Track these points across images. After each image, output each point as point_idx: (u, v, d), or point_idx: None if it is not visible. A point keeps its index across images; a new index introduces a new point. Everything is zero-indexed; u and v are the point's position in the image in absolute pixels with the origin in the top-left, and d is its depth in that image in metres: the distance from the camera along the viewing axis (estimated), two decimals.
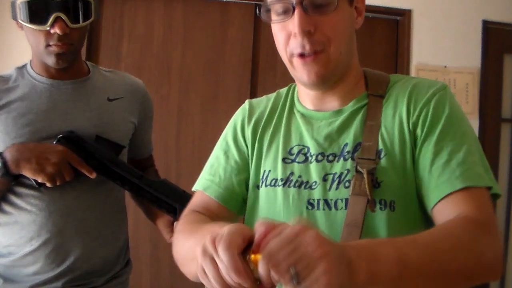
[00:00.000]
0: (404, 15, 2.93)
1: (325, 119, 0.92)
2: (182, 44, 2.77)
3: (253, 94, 2.79)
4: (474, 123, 2.96)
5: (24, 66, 1.32)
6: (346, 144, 0.88)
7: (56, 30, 1.17)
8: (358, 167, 0.83)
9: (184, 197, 1.28)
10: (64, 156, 1.19)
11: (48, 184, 1.19)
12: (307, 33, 0.83)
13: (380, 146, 0.85)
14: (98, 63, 1.41)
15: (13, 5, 1.20)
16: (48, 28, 1.18)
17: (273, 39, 0.92)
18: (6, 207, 1.25)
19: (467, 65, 2.96)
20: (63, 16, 1.17)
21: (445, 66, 2.92)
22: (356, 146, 0.86)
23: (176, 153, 2.74)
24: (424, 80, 0.92)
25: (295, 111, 0.98)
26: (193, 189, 1.04)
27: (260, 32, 2.81)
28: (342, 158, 0.87)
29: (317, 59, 0.85)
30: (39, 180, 1.19)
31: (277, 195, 0.90)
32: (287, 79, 0.96)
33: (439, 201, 0.79)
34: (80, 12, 1.21)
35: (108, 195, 1.32)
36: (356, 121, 0.90)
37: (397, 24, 2.99)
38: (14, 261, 1.24)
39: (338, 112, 0.92)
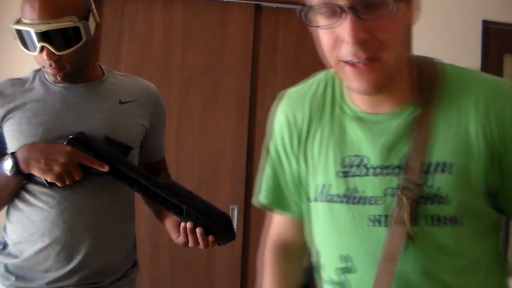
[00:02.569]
0: None
1: (383, 123, 0.84)
2: (182, 44, 2.77)
3: (253, 94, 2.79)
4: None
5: (40, 69, 1.35)
6: (405, 155, 0.81)
7: (44, 57, 1.20)
8: (401, 194, 0.77)
9: (191, 198, 1.30)
10: (72, 157, 1.22)
11: (58, 184, 1.22)
12: (361, 40, 0.72)
13: (442, 158, 0.79)
14: (98, 63, 1.43)
15: (10, 28, 1.23)
16: (38, 54, 1.21)
17: (273, 39, 0.91)
18: (19, 204, 1.28)
19: (467, 65, 2.92)
20: (48, 46, 1.19)
21: None
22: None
23: (176, 153, 2.74)
24: (489, 81, 0.83)
25: (346, 112, 0.88)
26: (257, 200, 1.03)
27: (260, 32, 2.81)
28: (403, 171, 0.80)
29: (372, 68, 0.75)
30: (48, 180, 1.22)
31: (337, 212, 0.85)
32: (287, 79, 0.95)
33: None
34: (68, 38, 1.21)
35: (118, 195, 1.34)
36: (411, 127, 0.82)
37: None
38: (25, 260, 1.28)
39: (396, 116, 0.83)
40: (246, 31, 2.79)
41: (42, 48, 1.19)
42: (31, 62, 1.33)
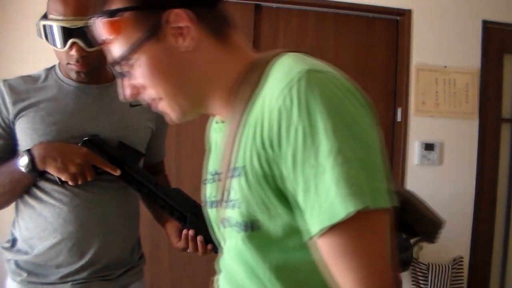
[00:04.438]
0: (404, 15, 2.93)
1: (221, 132, 0.85)
2: None
3: None
4: (474, 123, 2.96)
5: (52, 67, 1.39)
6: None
7: (73, 53, 1.24)
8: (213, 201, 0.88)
9: (195, 207, 1.35)
10: (87, 158, 1.26)
11: (70, 183, 1.25)
12: (131, 96, 0.84)
13: (239, 162, 0.74)
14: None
15: (37, 24, 1.26)
16: (66, 50, 1.24)
17: (273, 39, 0.92)
18: (30, 201, 1.31)
19: (467, 65, 2.96)
20: (79, 42, 1.23)
21: (445, 66, 2.93)
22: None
23: (176, 153, 2.74)
24: (276, 79, 0.72)
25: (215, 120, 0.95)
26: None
27: (260, 32, 2.81)
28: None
29: (159, 107, 0.83)
30: (63, 179, 1.25)
31: (206, 213, 0.96)
32: None
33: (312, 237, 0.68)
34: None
35: (126, 194, 1.39)
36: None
37: (397, 24, 3.00)
38: (36, 257, 1.31)
39: (226, 125, 0.81)
40: (246, 31, 2.79)
41: (71, 44, 1.22)
42: (31, 62, 1.34)
